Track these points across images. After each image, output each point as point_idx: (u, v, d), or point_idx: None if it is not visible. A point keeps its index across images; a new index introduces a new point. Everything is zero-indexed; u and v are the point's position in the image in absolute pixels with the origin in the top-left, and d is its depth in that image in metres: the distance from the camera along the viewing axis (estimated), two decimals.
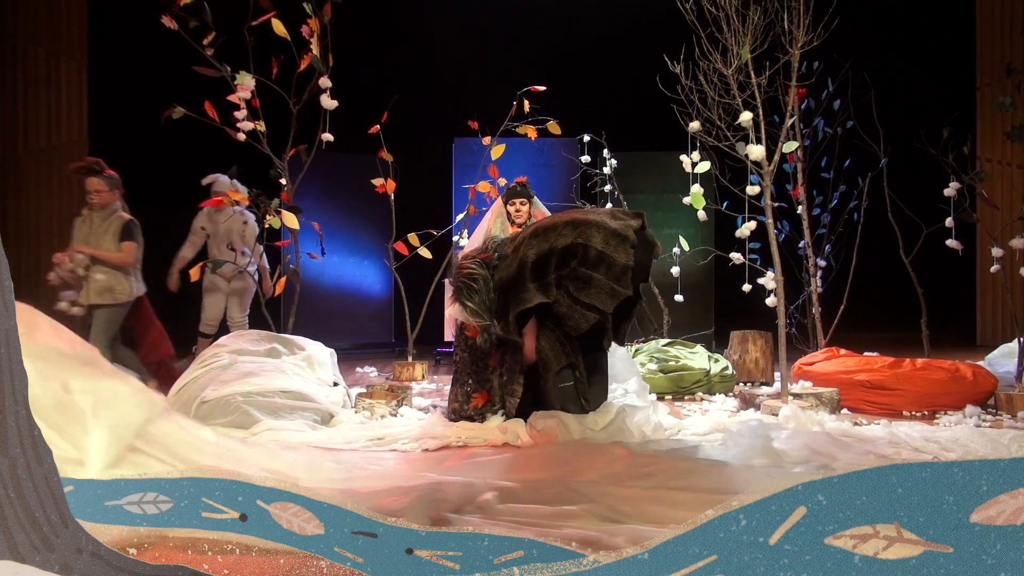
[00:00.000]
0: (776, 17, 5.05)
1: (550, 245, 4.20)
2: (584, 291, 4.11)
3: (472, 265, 4.33)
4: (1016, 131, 5.31)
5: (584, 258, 4.13)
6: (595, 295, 4.09)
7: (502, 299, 4.28)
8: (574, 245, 4.15)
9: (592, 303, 4.08)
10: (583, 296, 4.10)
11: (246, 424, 4.52)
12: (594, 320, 4.13)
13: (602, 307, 4.09)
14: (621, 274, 4.13)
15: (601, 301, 4.09)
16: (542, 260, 4.18)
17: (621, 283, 4.12)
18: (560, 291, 4.13)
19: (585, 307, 4.09)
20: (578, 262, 4.13)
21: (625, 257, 4.15)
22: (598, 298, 4.09)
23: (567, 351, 4.27)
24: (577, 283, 4.12)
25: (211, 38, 6.02)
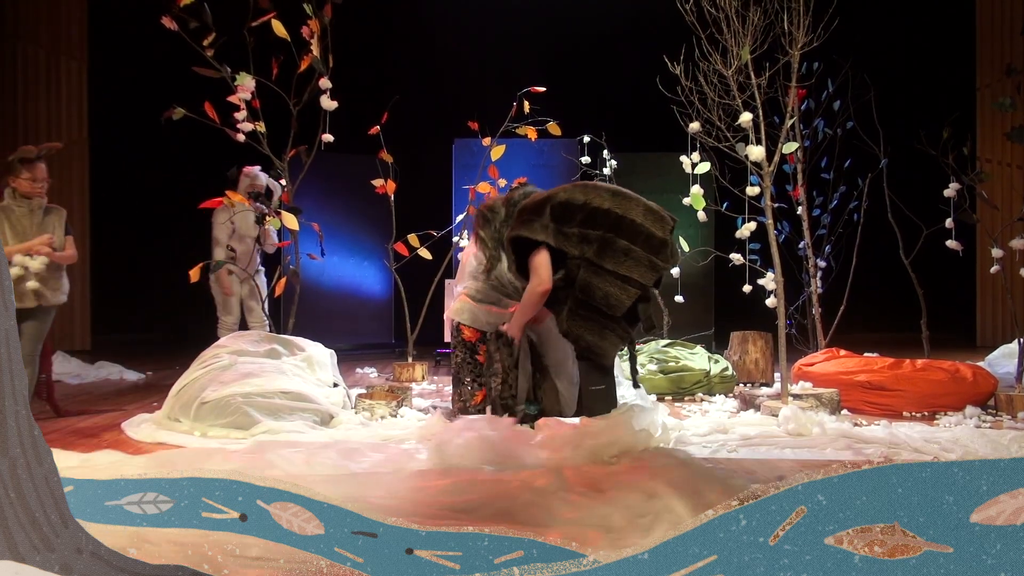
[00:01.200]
0: (776, 18, 5.05)
1: (585, 198, 4.05)
2: (624, 264, 3.95)
3: (495, 203, 4.38)
4: (1016, 132, 5.31)
5: (620, 228, 3.98)
6: (634, 267, 3.94)
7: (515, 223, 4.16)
8: (610, 212, 4.00)
9: (631, 276, 3.93)
10: (622, 269, 3.94)
11: (246, 425, 4.52)
12: (635, 296, 3.97)
13: (642, 280, 3.95)
14: (660, 248, 4.00)
15: (641, 274, 3.94)
16: (570, 207, 4.03)
17: (660, 257, 4.00)
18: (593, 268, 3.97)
19: (623, 280, 3.94)
20: (616, 233, 3.98)
21: (662, 232, 4.02)
22: (637, 271, 3.94)
23: (619, 334, 4.08)
24: (616, 256, 3.96)
25: (211, 39, 6.01)
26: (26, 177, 4.81)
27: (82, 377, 7.21)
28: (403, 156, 7.08)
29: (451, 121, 8.21)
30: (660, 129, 6.48)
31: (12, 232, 4.83)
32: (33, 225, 4.89)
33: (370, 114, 6.81)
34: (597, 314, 4.02)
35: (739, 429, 4.58)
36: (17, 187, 4.82)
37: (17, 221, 4.87)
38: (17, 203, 4.85)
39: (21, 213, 4.87)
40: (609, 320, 4.02)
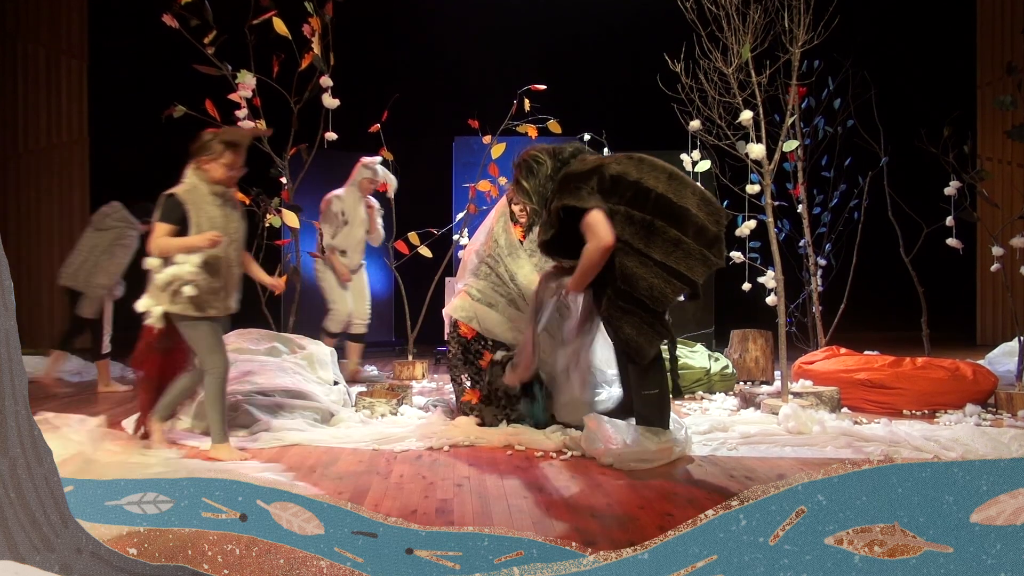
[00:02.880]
0: (776, 16, 5.05)
1: (639, 176, 3.75)
2: (673, 255, 3.65)
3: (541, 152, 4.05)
4: (1016, 130, 5.31)
5: (672, 215, 3.69)
6: (683, 260, 3.65)
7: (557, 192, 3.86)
8: (662, 197, 3.71)
9: (679, 269, 3.64)
10: (671, 260, 3.64)
11: (246, 423, 4.52)
12: (682, 291, 3.70)
13: (691, 275, 3.66)
14: (713, 242, 3.73)
15: (690, 268, 3.65)
16: (620, 182, 3.76)
17: (712, 252, 3.72)
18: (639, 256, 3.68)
19: (670, 272, 3.65)
20: (666, 220, 3.68)
21: (716, 226, 3.76)
22: (686, 264, 3.65)
23: (659, 331, 3.77)
24: (666, 246, 3.65)
25: (212, 37, 6.01)
26: (226, 162, 3.95)
27: (83, 375, 7.21)
28: (403, 154, 7.07)
29: (451, 119, 8.19)
30: (660, 127, 6.47)
31: (198, 225, 3.91)
32: (221, 218, 3.97)
33: (371, 112, 6.81)
34: (639, 307, 3.72)
35: (739, 427, 4.58)
36: (209, 171, 3.94)
37: (203, 212, 3.93)
38: (210, 190, 3.96)
39: (211, 203, 3.96)
40: (651, 314, 3.73)
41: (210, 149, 3.94)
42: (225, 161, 3.94)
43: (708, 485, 3.49)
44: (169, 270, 3.85)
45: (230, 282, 4.02)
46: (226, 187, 4.00)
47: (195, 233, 3.86)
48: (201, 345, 3.96)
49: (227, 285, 4.00)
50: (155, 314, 3.91)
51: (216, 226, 3.89)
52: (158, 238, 3.89)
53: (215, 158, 3.93)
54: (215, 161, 3.93)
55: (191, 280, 3.83)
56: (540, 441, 4.28)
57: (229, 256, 3.99)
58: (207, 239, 3.81)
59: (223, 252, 3.93)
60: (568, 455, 4.05)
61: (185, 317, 3.91)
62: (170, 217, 3.89)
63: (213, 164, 3.94)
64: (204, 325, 3.94)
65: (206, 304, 3.90)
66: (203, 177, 3.96)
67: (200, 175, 3.96)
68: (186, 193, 3.94)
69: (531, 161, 4.04)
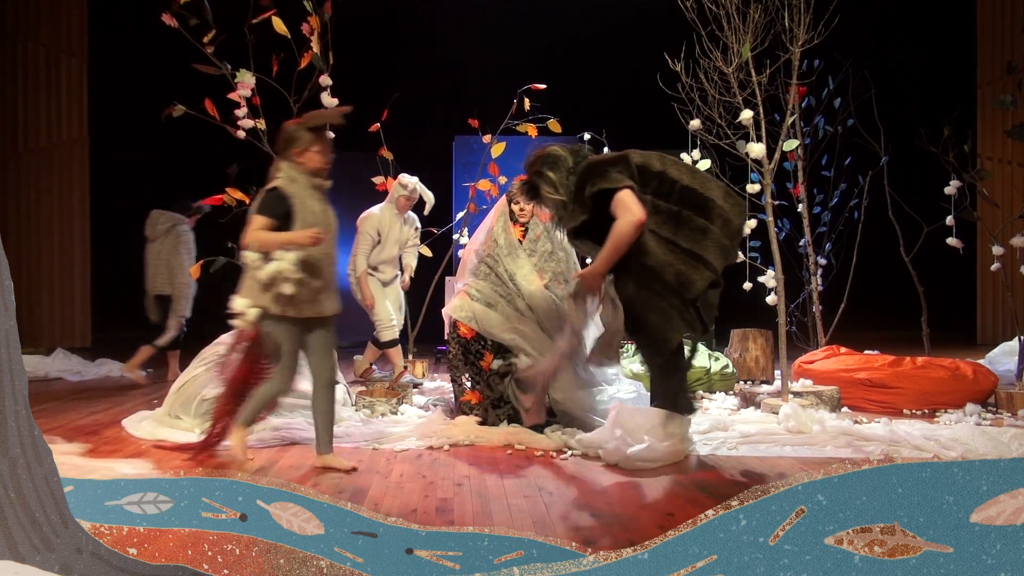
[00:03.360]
0: (776, 15, 5.04)
1: (663, 167, 3.82)
2: (700, 243, 3.67)
3: (558, 147, 4.05)
4: (1017, 129, 5.31)
5: (699, 206, 3.73)
6: (710, 249, 3.68)
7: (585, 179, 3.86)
8: (688, 188, 3.76)
9: (706, 257, 3.66)
10: (698, 248, 3.66)
11: None
12: (709, 279, 3.69)
13: (716, 263, 3.69)
14: (736, 234, 3.80)
15: (715, 257, 3.68)
16: (645, 172, 3.81)
17: (734, 244, 3.78)
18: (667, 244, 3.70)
19: (698, 259, 3.67)
20: (694, 210, 3.73)
21: (739, 219, 3.82)
22: (712, 253, 3.67)
23: (687, 319, 3.73)
24: (693, 234, 3.68)
25: (211, 36, 6.01)
26: (319, 149, 3.76)
27: (83, 374, 7.21)
28: (403, 153, 7.07)
29: (451, 118, 8.19)
30: (661, 126, 6.46)
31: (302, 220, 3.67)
32: (321, 212, 3.75)
33: (371, 111, 6.80)
34: (665, 295, 3.70)
35: (739, 427, 4.58)
36: (305, 163, 3.74)
37: (305, 207, 3.70)
38: (309, 182, 3.75)
39: (311, 197, 3.74)
40: (680, 302, 3.71)
41: (299, 139, 3.73)
42: (318, 148, 3.75)
43: (708, 485, 3.49)
44: (271, 267, 3.57)
45: (330, 282, 3.77)
46: (323, 178, 3.79)
47: (299, 228, 3.62)
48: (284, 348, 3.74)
49: (327, 285, 3.74)
50: (251, 315, 3.67)
51: (318, 221, 3.66)
52: (256, 231, 3.61)
53: (307, 147, 3.73)
54: (308, 151, 3.73)
55: (293, 278, 3.58)
56: (540, 441, 4.27)
57: (330, 254, 3.77)
58: (310, 236, 3.56)
59: (324, 250, 3.69)
60: (568, 455, 4.06)
61: (281, 318, 3.67)
62: (271, 211, 3.64)
63: (308, 154, 3.73)
64: (297, 328, 3.72)
65: (305, 306, 3.67)
66: (300, 170, 3.74)
67: (296, 168, 3.74)
68: (288, 186, 3.69)
69: (553, 154, 4.03)
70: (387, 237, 6.31)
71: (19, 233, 9.13)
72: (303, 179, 3.73)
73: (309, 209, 3.68)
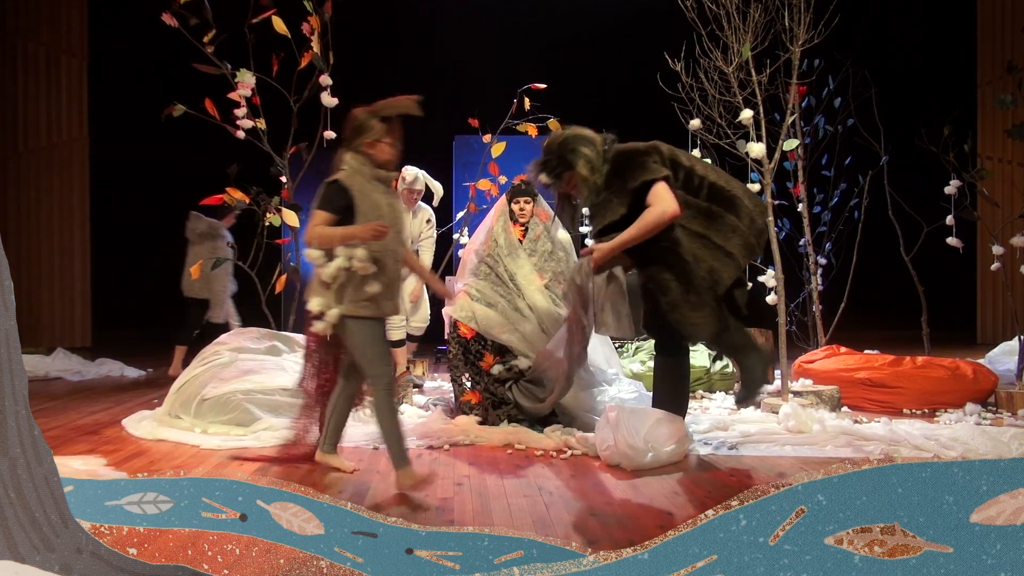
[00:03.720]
0: (777, 15, 5.04)
1: (690, 163, 3.80)
2: (730, 240, 3.66)
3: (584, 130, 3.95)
4: (1017, 129, 5.31)
5: (728, 203, 3.73)
6: (739, 246, 3.68)
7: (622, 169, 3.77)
8: (715, 185, 3.76)
9: (735, 253, 3.67)
10: (729, 245, 3.66)
11: (246, 422, 4.52)
12: (736, 276, 3.69)
13: (742, 261, 3.70)
14: (760, 233, 3.79)
15: (742, 255, 3.69)
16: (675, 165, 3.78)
17: (758, 243, 3.79)
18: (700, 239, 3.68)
19: (728, 256, 3.66)
20: (723, 207, 3.72)
21: (762, 219, 3.83)
22: (740, 250, 3.68)
23: (720, 315, 3.72)
24: (724, 231, 3.68)
25: (211, 35, 6.01)
26: (389, 141, 3.55)
27: (83, 374, 7.21)
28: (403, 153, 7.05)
29: (451, 118, 8.19)
30: (661, 126, 6.44)
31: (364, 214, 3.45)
32: (385, 206, 3.55)
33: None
34: (695, 290, 3.68)
35: (739, 426, 4.59)
36: (373, 154, 3.53)
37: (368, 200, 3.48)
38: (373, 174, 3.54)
39: (375, 190, 3.53)
40: (711, 298, 3.69)
41: (370, 129, 3.51)
42: (388, 140, 3.54)
43: (708, 485, 3.49)
44: (333, 264, 3.39)
45: (396, 279, 3.58)
46: (389, 171, 3.59)
47: (360, 223, 3.41)
48: (369, 351, 3.47)
49: (393, 282, 3.55)
50: (331, 317, 3.44)
51: (382, 215, 3.45)
52: (317, 227, 3.42)
53: (377, 138, 3.51)
54: (379, 142, 3.52)
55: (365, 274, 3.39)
56: (540, 440, 4.28)
57: (396, 250, 3.54)
58: (372, 229, 3.35)
59: (390, 245, 3.48)
60: (568, 454, 4.06)
61: (362, 318, 3.43)
62: (332, 205, 3.43)
63: (378, 146, 3.52)
64: (377, 328, 3.50)
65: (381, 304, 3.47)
66: (365, 161, 3.52)
67: (361, 159, 3.52)
68: (350, 179, 3.48)
69: (584, 134, 3.94)
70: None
71: (19, 233, 9.13)
72: (368, 171, 3.52)
73: (372, 203, 3.46)
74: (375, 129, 3.51)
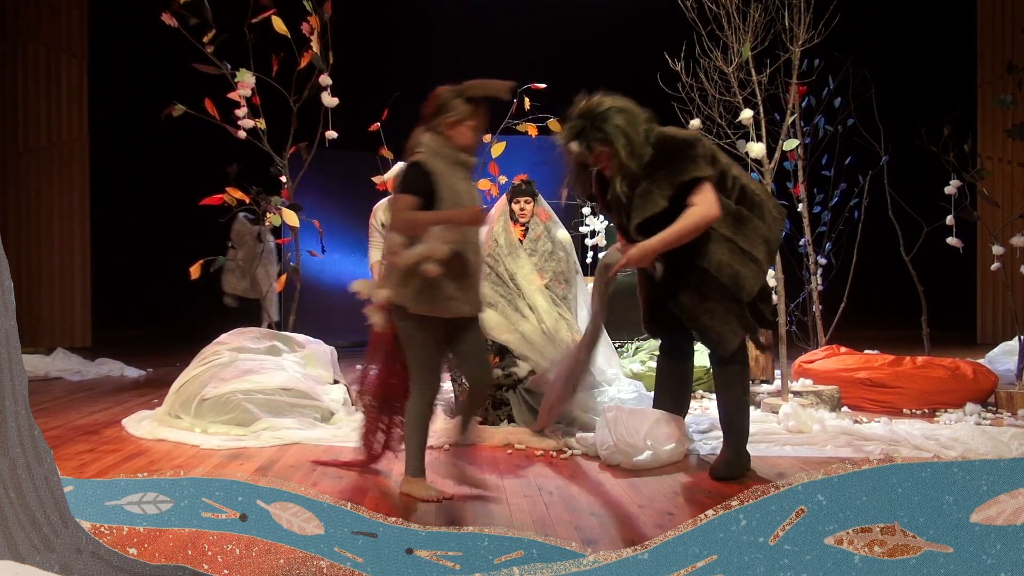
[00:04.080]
0: (777, 15, 5.05)
1: (725, 163, 3.61)
2: (757, 247, 3.50)
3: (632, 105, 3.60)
4: (1017, 129, 5.31)
5: (759, 209, 3.58)
6: (764, 254, 3.52)
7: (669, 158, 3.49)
8: (747, 188, 3.60)
9: (759, 258, 3.51)
10: (756, 252, 3.50)
11: (246, 422, 4.52)
12: (761, 283, 3.54)
13: (765, 264, 3.54)
14: (778, 240, 3.65)
15: (765, 259, 3.54)
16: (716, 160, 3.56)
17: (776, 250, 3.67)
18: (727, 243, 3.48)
19: (755, 262, 3.49)
20: (752, 211, 3.55)
21: (781, 224, 3.68)
22: (763, 254, 3.52)
23: (746, 323, 3.54)
24: (752, 237, 3.50)
25: (211, 35, 6.01)
26: (473, 124, 3.28)
27: (83, 374, 7.21)
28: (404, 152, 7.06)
29: None
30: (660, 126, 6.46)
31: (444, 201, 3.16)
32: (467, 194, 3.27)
33: (371, 110, 6.80)
34: (721, 296, 3.50)
35: None
36: (454, 136, 3.25)
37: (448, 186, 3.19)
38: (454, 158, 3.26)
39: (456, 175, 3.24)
40: (735, 304, 3.51)
41: (454, 109, 3.23)
42: (473, 123, 3.26)
43: (708, 485, 3.49)
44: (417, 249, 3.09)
45: (476, 276, 3.28)
46: (470, 156, 3.31)
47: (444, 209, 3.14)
48: (422, 355, 3.24)
49: (472, 279, 3.25)
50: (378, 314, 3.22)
51: (463, 204, 3.17)
52: (404, 211, 3.11)
53: (460, 119, 3.23)
54: (461, 123, 3.24)
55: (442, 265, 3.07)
56: (540, 441, 4.27)
57: (476, 243, 3.27)
58: (472, 213, 3.12)
59: (471, 237, 3.22)
60: (568, 454, 4.06)
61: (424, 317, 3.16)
62: (417, 187, 3.14)
63: (460, 128, 3.24)
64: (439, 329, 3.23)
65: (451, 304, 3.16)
66: (445, 143, 3.24)
67: (441, 141, 3.25)
68: (431, 161, 3.20)
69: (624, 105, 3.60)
70: None
71: (19, 233, 9.12)
72: (449, 154, 3.23)
73: (453, 189, 3.18)
74: (459, 110, 3.23)
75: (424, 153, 3.22)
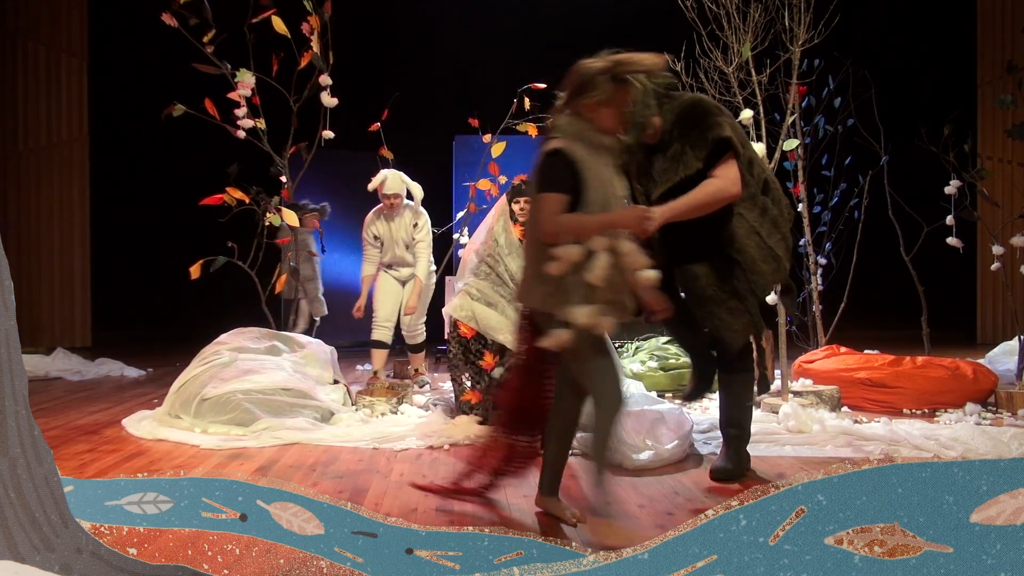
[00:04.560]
0: (777, 15, 5.05)
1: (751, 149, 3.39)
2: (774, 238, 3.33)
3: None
4: (1017, 129, 5.31)
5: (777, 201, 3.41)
6: (782, 248, 3.35)
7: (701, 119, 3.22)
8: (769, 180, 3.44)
9: (780, 255, 3.34)
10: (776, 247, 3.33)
11: (246, 422, 4.52)
12: (779, 280, 3.41)
13: (784, 262, 3.41)
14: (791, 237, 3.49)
15: (785, 256, 3.39)
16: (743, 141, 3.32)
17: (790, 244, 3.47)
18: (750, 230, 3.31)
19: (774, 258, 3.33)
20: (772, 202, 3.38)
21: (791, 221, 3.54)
22: (783, 251, 3.36)
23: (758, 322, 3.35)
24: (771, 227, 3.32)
25: (211, 35, 6.01)
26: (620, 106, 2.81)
27: (83, 374, 7.21)
28: (403, 153, 7.07)
29: (451, 118, 8.20)
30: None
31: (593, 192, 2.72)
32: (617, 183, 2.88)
33: (370, 111, 6.81)
34: (735, 292, 3.31)
35: None
36: (596, 119, 2.78)
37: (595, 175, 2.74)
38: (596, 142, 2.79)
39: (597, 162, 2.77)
40: (750, 299, 3.32)
41: (598, 87, 2.75)
42: (619, 105, 2.79)
43: (708, 485, 3.49)
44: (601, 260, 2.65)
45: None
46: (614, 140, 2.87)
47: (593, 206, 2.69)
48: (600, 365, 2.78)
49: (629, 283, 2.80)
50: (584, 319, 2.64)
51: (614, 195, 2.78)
52: (555, 216, 2.67)
53: (605, 99, 2.76)
54: (606, 105, 2.77)
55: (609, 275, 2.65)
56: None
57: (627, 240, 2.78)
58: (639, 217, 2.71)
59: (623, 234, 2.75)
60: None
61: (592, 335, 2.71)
62: (564, 182, 2.70)
63: (603, 111, 2.77)
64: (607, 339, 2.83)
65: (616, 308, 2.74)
66: (585, 126, 2.78)
67: (581, 124, 2.79)
68: (572, 148, 2.74)
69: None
70: (385, 238, 6.27)
71: (19, 233, 9.13)
72: (592, 137, 2.77)
73: (601, 178, 2.74)
74: (604, 90, 2.75)
75: (563, 139, 2.77)
